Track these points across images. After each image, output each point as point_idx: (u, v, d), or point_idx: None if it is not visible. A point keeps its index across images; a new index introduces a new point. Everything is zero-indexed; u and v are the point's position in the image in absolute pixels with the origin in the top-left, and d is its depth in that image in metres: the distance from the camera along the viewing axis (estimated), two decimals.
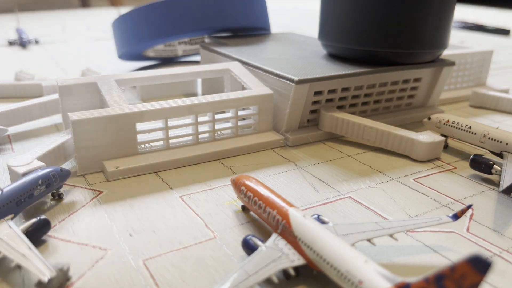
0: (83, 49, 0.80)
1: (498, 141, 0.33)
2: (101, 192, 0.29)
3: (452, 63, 0.43)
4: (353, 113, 0.40)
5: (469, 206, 0.24)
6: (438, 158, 0.35)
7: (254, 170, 0.33)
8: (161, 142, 0.34)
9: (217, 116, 0.35)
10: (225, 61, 0.43)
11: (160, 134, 0.34)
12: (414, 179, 0.32)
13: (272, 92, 0.37)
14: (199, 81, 0.53)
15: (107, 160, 0.31)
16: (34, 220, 0.23)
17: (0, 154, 0.35)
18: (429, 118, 0.38)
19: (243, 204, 0.26)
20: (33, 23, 1.09)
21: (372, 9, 0.38)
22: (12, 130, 0.39)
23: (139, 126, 0.32)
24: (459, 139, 0.36)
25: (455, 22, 1.17)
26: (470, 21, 1.24)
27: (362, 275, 0.18)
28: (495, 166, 0.31)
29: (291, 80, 0.35)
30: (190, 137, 0.35)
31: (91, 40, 0.89)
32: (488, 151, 0.34)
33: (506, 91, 0.54)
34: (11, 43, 0.84)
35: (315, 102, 0.38)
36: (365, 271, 0.18)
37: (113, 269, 0.22)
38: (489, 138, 0.34)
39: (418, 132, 0.35)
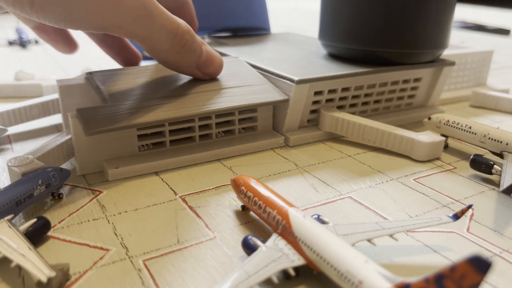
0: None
1: (498, 141, 0.33)
2: (101, 192, 0.29)
3: (452, 63, 0.43)
4: (353, 113, 0.40)
5: (469, 206, 0.24)
6: (438, 158, 0.35)
7: (254, 170, 0.33)
8: (161, 142, 0.34)
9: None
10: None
11: (160, 134, 0.33)
12: (414, 179, 0.32)
13: None
14: None
15: (107, 160, 0.31)
16: (34, 220, 0.23)
17: (0, 154, 0.35)
18: (429, 118, 0.38)
19: (243, 204, 0.26)
20: None
21: (372, 9, 0.38)
22: (12, 130, 0.39)
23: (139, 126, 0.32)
24: (459, 139, 0.36)
25: (455, 22, 1.17)
26: (470, 21, 1.25)
27: (362, 275, 0.18)
28: (495, 166, 0.31)
29: (291, 80, 0.35)
30: (190, 137, 0.35)
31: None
32: (488, 151, 0.34)
33: (506, 91, 0.54)
34: (11, 43, 0.84)
35: (315, 102, 0.38)
36: (365, 271, 0.18)
37: (113, 269, 0.22)
38: (489, 138, 0.34)
39: (418, 132, 0.35)
